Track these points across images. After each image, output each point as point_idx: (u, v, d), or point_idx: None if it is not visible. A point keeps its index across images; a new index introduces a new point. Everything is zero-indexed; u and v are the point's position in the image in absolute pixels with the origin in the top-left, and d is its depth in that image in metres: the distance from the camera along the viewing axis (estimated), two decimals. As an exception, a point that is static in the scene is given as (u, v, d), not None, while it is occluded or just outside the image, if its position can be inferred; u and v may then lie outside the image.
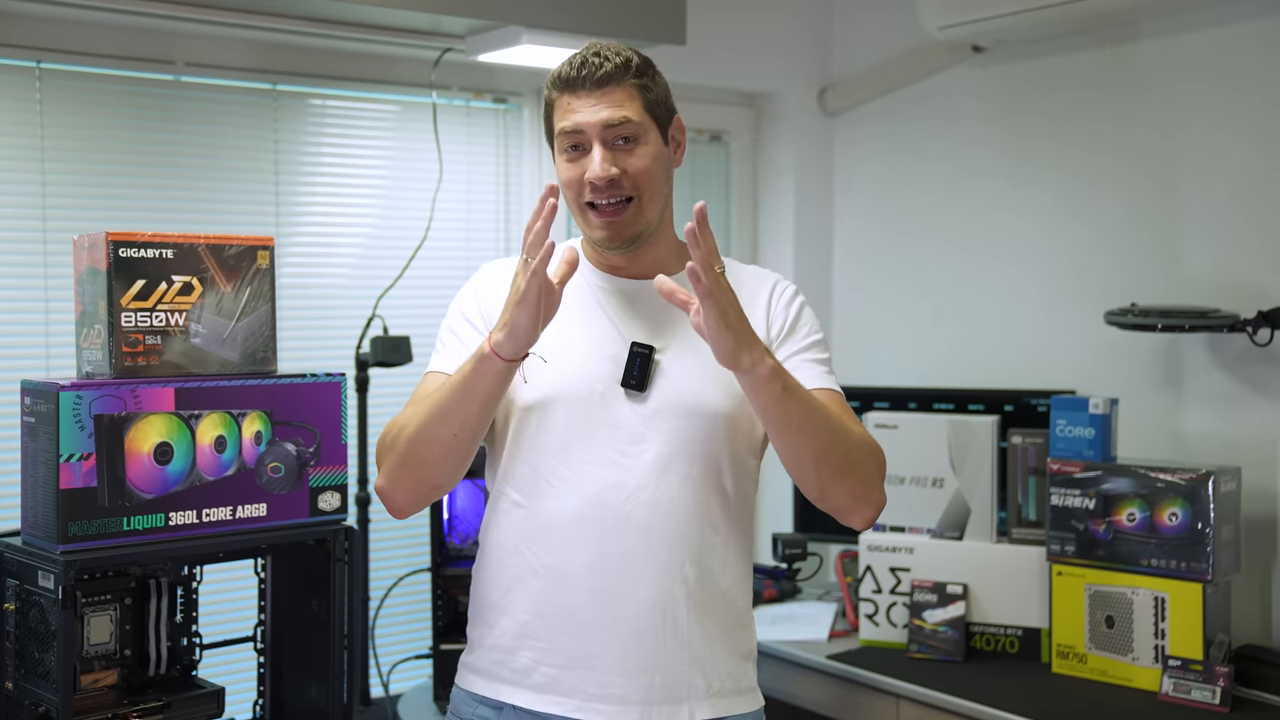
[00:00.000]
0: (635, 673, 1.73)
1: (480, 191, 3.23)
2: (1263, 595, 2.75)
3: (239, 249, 1.88)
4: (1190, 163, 2.91)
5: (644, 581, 1.73)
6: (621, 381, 1.76)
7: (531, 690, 1.76)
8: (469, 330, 1.83)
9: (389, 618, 2.99)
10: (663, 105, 1.79)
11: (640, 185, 1.75)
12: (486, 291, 1.85)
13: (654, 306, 1.79)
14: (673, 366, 1.77)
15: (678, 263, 1.83)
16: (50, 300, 2.62)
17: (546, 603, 1.75)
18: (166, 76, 2.78)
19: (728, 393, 1.76)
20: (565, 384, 1.76)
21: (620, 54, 1.75)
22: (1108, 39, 3.04)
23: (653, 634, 1.73)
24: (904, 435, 2.88)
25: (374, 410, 2.87)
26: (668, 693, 1.74)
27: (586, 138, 1.73)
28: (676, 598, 1.74)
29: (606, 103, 1.73)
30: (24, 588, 1.78)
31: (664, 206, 1.81)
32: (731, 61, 3.51)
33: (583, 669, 1.74)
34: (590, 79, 1.72)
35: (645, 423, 1.74)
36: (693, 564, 1.75)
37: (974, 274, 3.37)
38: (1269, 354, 2.72)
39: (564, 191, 1.77)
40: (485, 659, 1.82)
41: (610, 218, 1.75)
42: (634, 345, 1.77)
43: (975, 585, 2.80)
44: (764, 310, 1.83)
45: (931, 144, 3.46)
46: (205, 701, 1.93)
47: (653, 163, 1.76)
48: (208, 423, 1.82)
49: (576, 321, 1.80)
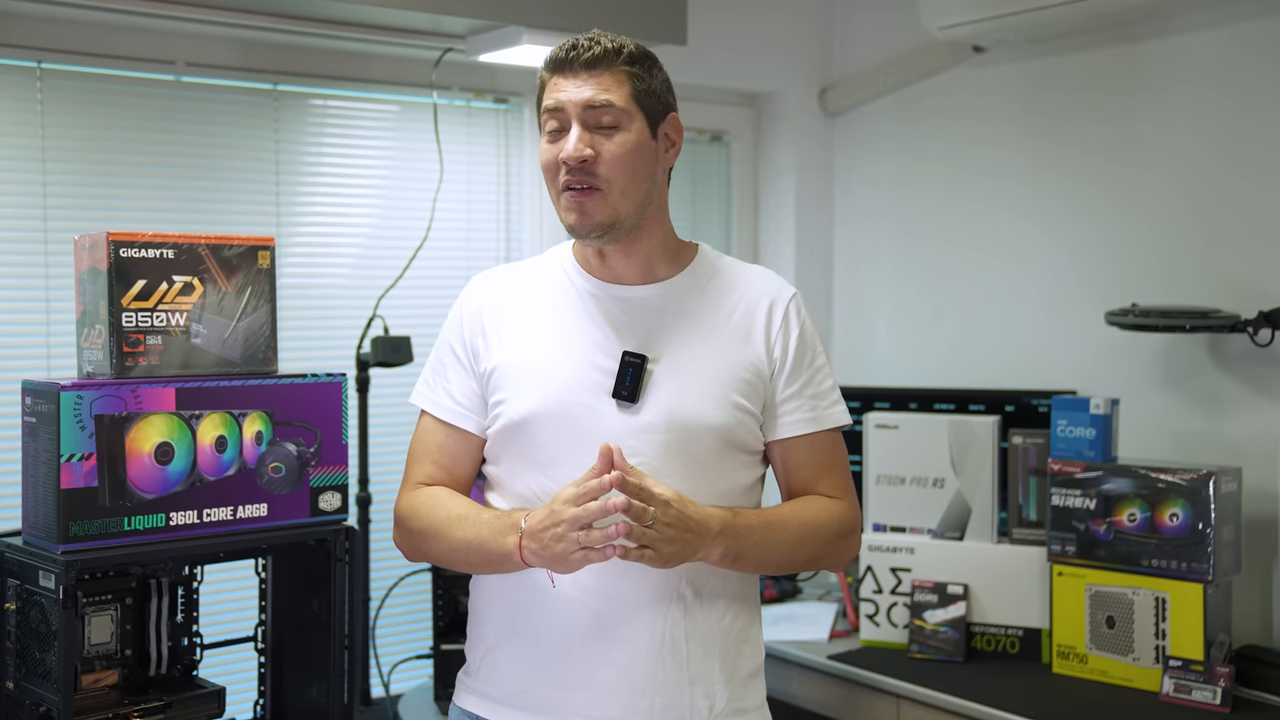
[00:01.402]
0: (634, 694, 1.70)
1: (481, 192, 3.23)
2: (1263, 595, 2.75)
3: (240, 249, 1.88)
4: (1191, 163, 2.91)
5: (640, 602, 1.70)
6: (613, 392, 1.72)
7: (527, 711, 1.74)
8: (454, 364, 1.82)
9: (389, 618, 2.99)
10: (655, 98, 1.74)
11: (614, 174, 1.69)
12: (473, 312, 1.83)
13: (647, 314, 1.76)
14: (666, 377, 1.73)
15: (669, 266, 1.80)
16: (51, 300, 2.62)
17: (542, 624, 1.72)
18: (168, 76, 2.78)
19: (725, 406, 1.73)
20: (556, 396, 1.72)
21: (615, 40, 1.73)
22: (1109, 39, 3.04)
23: (651, 655, 1.70)
24: (904, 435, 2.89)
25: (375, 410, 2.87)
26: (668, 714, 1.71)
27: (567, 116, 1.70)
28: (674, 618, 1.71)
29: (592, 84, 1.70)
30: (25, 588, 1.78)
31: (644, 202, 1.74)
32: (732, 61, 3.51)
33: (580, 690, 1.71)
34: (579, 60, 1.70)
35: (637, 435, 1.70)
36: (689, 583, 1.72)
37: (975, 274, 3.37)
38: (1270, 354, 2.72)
39: (544, 176, 1.74)
40: (481, 678, 1.80)
41: (580, 197, 1.69)
42: (625, 355, 1.72)
43: (976, 585, 2.80)
44: (763, 328, 1.78)
45: (932, 144, 3.46)
46: (206, 701, 1.93)
47: (631, 152, 1.70)
48: (208, 423, 1.82)
49: (566, 329, 1.77)
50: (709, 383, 1.73)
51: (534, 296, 1.81)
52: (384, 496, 2.96)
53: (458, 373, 1.81)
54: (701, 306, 1.78)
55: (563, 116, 1.71)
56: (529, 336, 1.78)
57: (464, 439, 1.81)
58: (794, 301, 1.82)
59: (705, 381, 1.73)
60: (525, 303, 1.81)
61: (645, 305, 1.77)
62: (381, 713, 2.79)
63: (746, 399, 1.75)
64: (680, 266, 1.81)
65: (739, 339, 1.77)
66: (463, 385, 1.81)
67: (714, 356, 1.75)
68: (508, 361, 1.77)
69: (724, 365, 1.75)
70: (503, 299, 1.82)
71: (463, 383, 1.81)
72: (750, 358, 1.77)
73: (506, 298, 1.82)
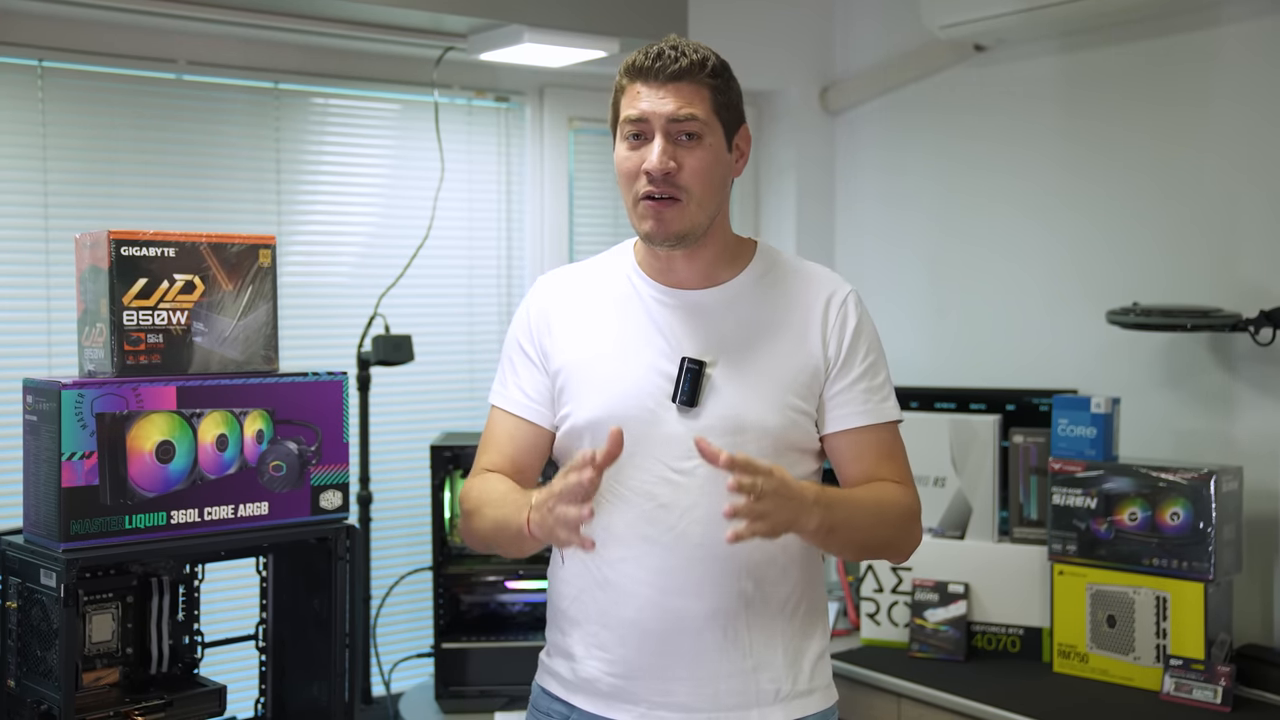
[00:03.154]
0: (700, 682, 1.75)
1: (482, 190, 3.23)
2: (1264, 595, 2.75)
3: (241, 248, 1.88)
4: (1191, 162, 2.91)
5: (703, 596, 1.74)
6: (672, 397, 1.74)
7: (599, 697, 1.79)
8: (524, 362, 1.86)
9: (390, 616, 2.99)
10: (732, 110, 1.77)
11: (693, 185, 1.72)
12: (539, 312, 1.86)
13: (707, 318, 1.78)
14: (725, 382, 1.75)
15: (729, 269, 1.82)
16: (52, 299, 2.62)
17: (610, 615, 1.77)
18: (169, 75, 2.78)
19: (781, 409, 1.75)
20: (617, 402, 1.76)
21: (698, 51, 1.74)
22: (1110, 38, 3.04)
23: (714, 646, 1.74)
24: (905, 434, 2.83)
25: (375, 409, 2.87)
26: (735, 699, 1.75)
27: (650, 127, 1.71)
28: (735, 611, 1.75)
29: (675, 96, 1.71)
30: (26, 586, 1.78)
31: (716, 212, 1.78)
32: (733, 60, 3.43)
33: (648, 679, 1.75)
34: (664, 71, 1.71)
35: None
36: (750, 577, 1.75)
37: (976, 273, 3.36)
38: (1271, 353, 2.72)
39: (620, 180, 1.76)
40: (558, 663, 1.85)
41: (660, 208, 1.72)
42: (685, 360, 1.75)
43: (977, 584, 2.80)
44: (819, 325, 1.79)
45: (933, 143, 3.46)
46: (207, 700, 1.93)
47: (711, 164, 1.73)
48: (209, 421, 1.82)
49: (628, 335, 1.79)
50: (766, 386, 1.75)
51: (598, 299, 1.84)
52: (385, 495, 2.96)
53: (528, 369, 1.85)
54: (760, 308, 1.81)
55: (645, 126, 1.72)
56: (593, 340, 1.81)
57: (532, 431, 1.84)
58: (851, 297, 1.84)
59: (763, 385, 1.75)
60: (589, 305, 1.84)
61: (706, 310, 1.79)
62: (382, 711, 2.79)
63: (802, 399, 1.78)
64: (739, 268, 1.83)
65: (796, 339, 1.79)
66: (533, 381, 1.84)
67: (772, 359, 1.78)
68: (573, 364, 1.81)
69: (781, 367, 1.77)
70: (568, 300, 1.85)
71: (532, 378, 1.84)
72: (806, 356, 1.79)
73: (571, 299, 1.85)
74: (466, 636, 2.74)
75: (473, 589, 2.82)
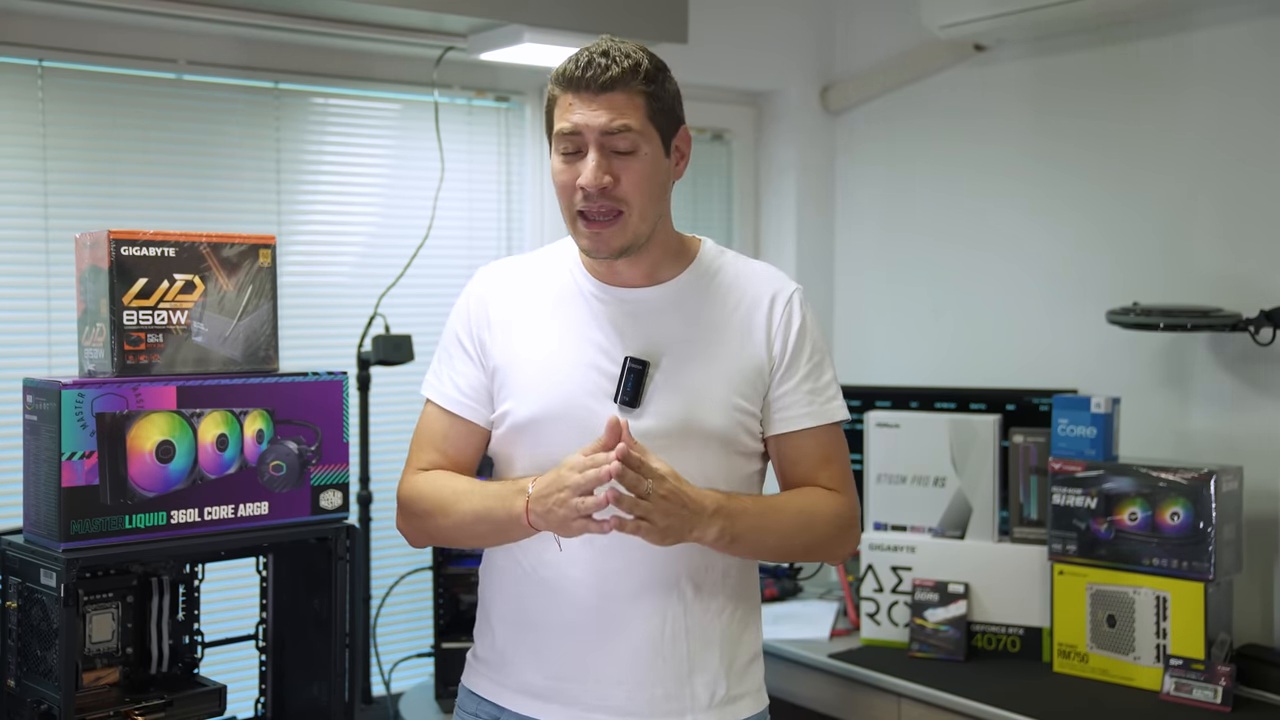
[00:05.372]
0: (636, 686, 1.73)
1: (482, 190, 3.23)
2: (1264, 595, 2.75)
3: (241, 247, 1.87)
4: (1192, 161, 2.91)
5: (642, 599, 1.73)
6: (614, 397, 1.72)
7: (533, 698, 1.77)
8: (461, 355, 1.83)
9: (390, 616, 2.99)
10: (668, 114, 1.72)
11: (632, 198, 1.68)
12: (479, 304, 1.84)
13: (649, 317, 1.76)
14: (667, 382, 1.73)
15: (672, 267, 1.80)
16: (52, 298, 2.62)
17: (547, 616, 1.75)
18: (169, 75, 2.78)
19: (725, 409, 1.74)
20: (558, 401, 1.74)
21: (630, 56, 1.68)
22: (1110, 38, 3.04)
23: (652, 650, 1.73)
24: (905, 434, 2.89)
25: (376, 409, 2.87)
26: (669, 704, 1.74)
27: (584, 140, 1.67)
28: (675, 614, 1.74)
29: (608, 108, 1.66)
30: (26, 585, 1.78)
31: (658, 219, 1.74)
32: (733, 60, 3.51)
33: (584, 681, 1.74)
34: (595, 81, 1.66)
35: (638, 439, 1.68)
36: (689, 580, 1.75)
37: (976, 273, 3.36)
38: (1271, 353, 2.71)
39: (557, 194, 1.74)
40: (488, 663, 1.83)
41: (599, 229, 1.69)
42: (628, 360, 1.73)
43: (977, 584, 2.80)
44: (764, 325, 1.78)
45: (933, 143, 3.46)
46: (207, 700, 1.93)
47: (649, 175, 1.69)
48: (209, 421, 1.82)
49: (569, 332, 1.77)
50: (710, 386, 1.73)
51: (539, 294, 1.82)
52: (385, 495, 2.96)
53: (464, 364, 1.83)
54: (703, 307, 1.78)
55: (579, 140, 1.68)
56: (533, 336, 1.79)
57: (468, 429, 1.83)
58: (795, 296, 1.81)
59: (706, 385, 1.73)
60: (530, 300, 1.82)
61: (648, 308, 1.77)
62: (382, 711, 2.79)
63: (746, 399, 1.76)
64: (682, 266, 1.81)
65: (740, 338, 1.77)
66: (469, 376, 1.82)
67: (716, 358, 1.76)
68: (512, 360, 1.79)
69: (725, 367, 1.76)
70: (508, 293, 1.83)
71: (469, 374, 1.82)
72: (751, 356, 1.77)
73: (511, 292, 1.83)
74: (466, 636, 2.73)
75: (473, 589, 2.81)
